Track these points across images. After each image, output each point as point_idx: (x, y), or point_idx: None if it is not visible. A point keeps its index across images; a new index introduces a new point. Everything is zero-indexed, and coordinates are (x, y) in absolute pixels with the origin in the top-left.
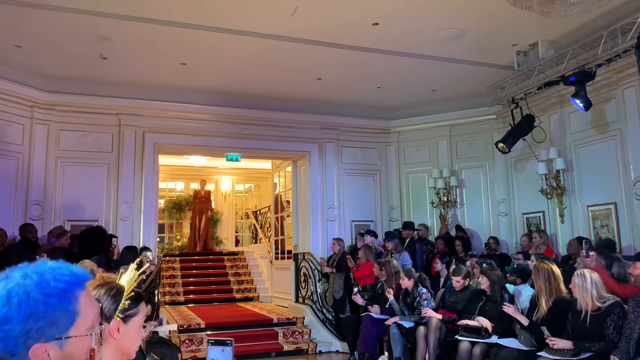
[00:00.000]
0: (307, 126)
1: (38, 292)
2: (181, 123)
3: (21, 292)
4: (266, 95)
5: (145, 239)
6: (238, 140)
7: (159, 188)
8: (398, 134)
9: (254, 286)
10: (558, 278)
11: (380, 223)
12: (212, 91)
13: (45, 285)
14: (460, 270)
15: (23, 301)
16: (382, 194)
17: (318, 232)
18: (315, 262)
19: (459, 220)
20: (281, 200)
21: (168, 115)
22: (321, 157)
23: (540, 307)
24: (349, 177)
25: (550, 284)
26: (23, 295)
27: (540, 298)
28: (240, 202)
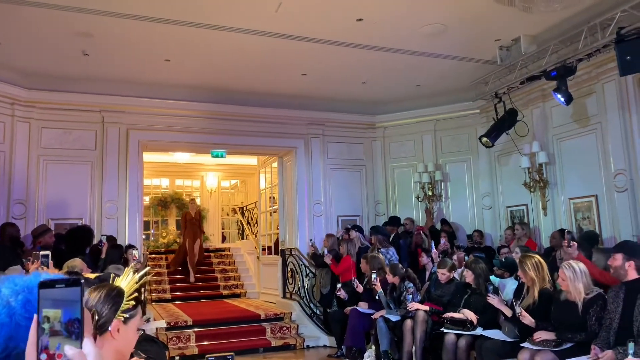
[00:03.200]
0: (293, 122)
1: (21, 314)
2: (166, 119)
3: (4, 314)
4: (251, 91)
5: (131, 236)
6: (223, 136)
7: (144, 185)
8: (383, 129)
9: (241, 282)
10: (545, 268)
11: (367, 218)
12: (196, 87)
13: (30, 307)
14: (445, 263)
15: (4, 324)
16: (369, 189)
17: (305, 227)
18: (302, 258)
19: (444, 214)
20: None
21: (152, 112)
22: (307, 153)
23: (530, 297)
24: (335, 172)
25: (540, 274)
26: (5, 318)
27: (532, 288)
28: (227, 199)
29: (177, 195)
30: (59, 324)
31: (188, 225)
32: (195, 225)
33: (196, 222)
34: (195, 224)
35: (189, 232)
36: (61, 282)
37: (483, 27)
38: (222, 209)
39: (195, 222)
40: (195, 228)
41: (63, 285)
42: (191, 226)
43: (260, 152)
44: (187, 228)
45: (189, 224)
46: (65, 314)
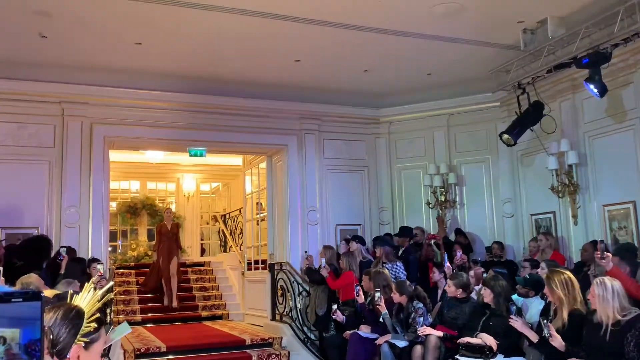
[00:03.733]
0: (284, 115)
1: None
2: (136, 112)
3: None
4: (236, 80)
5: (95, 248)
6: (203, 132)
7: (111, 189)
8: (389, 124)
9: (223, 302)
10: (576, 286)
11: (369, 227)
12: (172, 75)
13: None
14: (458, 276)
15: None
16: (372, 194)
17: (297, 238)
18: (294, 274)
19: (459, 223)
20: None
21: (120, 104)
22: (300, 152)
23: (559, 319)
24: (333, 174)
25: (570, 293)
26: None
27: (561, 309)
28: (206, 204)
29: (149, 201)
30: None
31: (163, 240)
32: (172, 240)
33: (172, 237)
34: (172, 238)
35: (163, 248)
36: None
37: (505, 7)
38: (201, 217)
39: (172, 236)
40: (172, 244)
41: (20, 299)
42: (167, 241)
43: (246, 150)
44: (162, 243)
45: (164, 239)
46: (25, 334)
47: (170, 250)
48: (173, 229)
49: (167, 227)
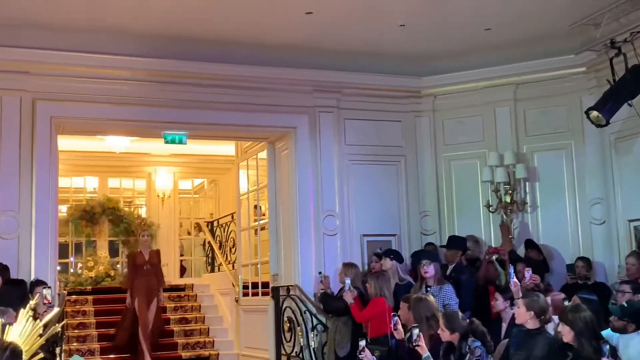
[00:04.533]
0: (292, 88)
1: None
2: (93, 85)
3: None
4: (227, 40)
5: (40, 267)
6: (183, 110)
7: (60, 187)
8: (433, 99)
9: (211, 339)
10: None
11: (407, 238)
12: (141, 35)
13: None
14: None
15: None
16: (410, 193)
17: (310, 253)
18: (306, 301)
19: (530, 232)
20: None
21: (72, 73)
22: (314, 136)
23: None
24: (358, 166)
25: None
26: None
27: None
28: (187, 208)
29: (110, 203)
30: None
31: (139, 274)
32: (150, 274)
33: (151, 270)
34: (150, 272)
35: (139, 286)
36: None
37: None
38: (181, 225)
39: (151, 268)
40: (150, 280)
41: None
42: (144, 277)
43: (240, 135)
44: (138, 279)
45: (140, 274)
46: None
47: (149, 289)
48: (152, 259)
49: (143, 257)
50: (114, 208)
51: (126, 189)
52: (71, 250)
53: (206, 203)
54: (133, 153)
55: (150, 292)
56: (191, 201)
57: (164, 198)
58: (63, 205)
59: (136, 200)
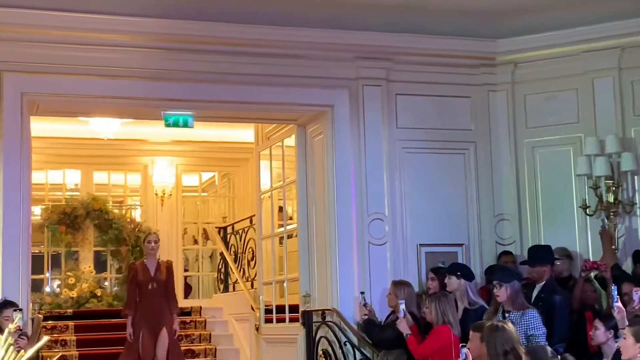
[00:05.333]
0: (328, 54)
1: None
2: (75, 53)
3: None
4: None
5: (8, 285)
6: (188, 84)
7: (34, 184)
8: (513, 68)
9: None
10: None
11: (478, 248)
12: None
13: None
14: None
15: None
16: (482, 191)
17: (352, 268)
18: (347, 328)
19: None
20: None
21: (48, 38)
22: (356, 117)
23: None
24: (414, 156)
25: None
26: None
27: None
28: (193, 210)
29: (96, 204)
30: None
31: (143, 296)
32: (159, 295)
33: (161, 290)
34: (159, 292)
35: (144, 310)
36: None
37: None
38: (185, 231)
39: (160, 288)
40: (159, 302)
41: None
42: (149, 299)
43: (262, 116)
44: (142, 302)
45: (146, 295)
46: None
47: (156, 314)
48: (161, 274)
49: (148, 272)
50: (101, 210)
51: (116, 186)
52: (47, 263)
53: (217, 203)
54: (125, 140)
55: (158, 319)
56: (198, 201)
57: (164, 197)
58: (37, 207)
59: (129, 200)
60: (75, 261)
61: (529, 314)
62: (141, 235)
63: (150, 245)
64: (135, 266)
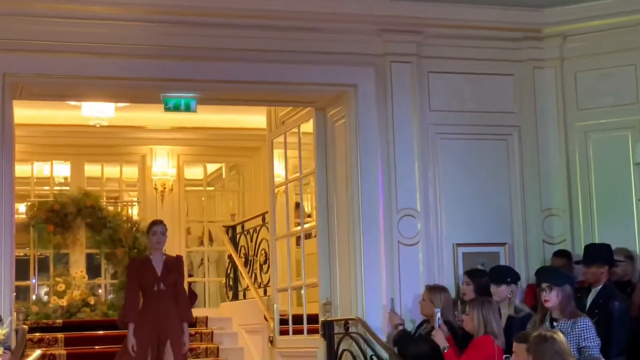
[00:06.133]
0: (350, 27)
1: None
2: (64, 28)
3: None
4: None
5: None
6: (192, 63)
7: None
8: (562, 41)
9: None
10: None
11: (523, 248)
12: None
13: None
14: None
15: None
16: (527, 183)
17: (379, 272)
18: (373, 340)
19: None
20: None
21: (33, 11)
22: (383, 99)
23: None
24: (449, 143)
25: None
26: None
27: None
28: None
29: (88, 200)
30: None
31: (147, 299)
32: (166, 298)
33: (168, 291)
34: (166, 294)
35: (148, 318)
36: None
37: None
38: (189, 231)
39: (166, 289)
40: (166, 307)
41: None
42: (154, 302)
43: (275, 98)
44: (145, 307)
45: (150, 297)
46: None
47: (162, 322)
48: (170, 273)
49: (153, 270)
50: (94, 207)
51: (110, 179)
52: (33, 267)
53: (225, 199)
54: (120, 127)
55: (164, 329)
56: (203, 196)
57: (165, 192)
58: (21, 204)
59: (125, 196)
60: (65, 265)
61: (581, 322)
62: (139, 235)
63: (155, 237)
64: (137, 263)
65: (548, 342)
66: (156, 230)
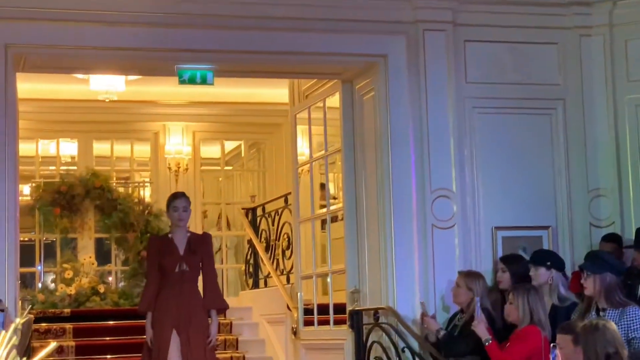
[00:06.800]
0: None
1: None
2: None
3: None
4: None
5: None
6: (207, 32)
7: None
8: (611, 7)
9: None
10: None
11: (568, 232)
12: None
13: None
14: None
15: None
16: (573, 161)
17: (411, 257)
18: (405, 332)
19: None
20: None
21: None
22: (415, 70)
23: None
24: (488, 118)
25: None
26: None
27: None
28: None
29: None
30: None
31: (168, 283)
32: (190, 282)
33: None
34: (191, 277)
35: (169, 305)
36: None
37: None
38: (205, 214)
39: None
40: (190, 292)
41: None
42: (177, 287)
43: (298, 69)
44: (165, 293)
45: (171, 281)
46: None
47: (186, 310)
48: (194, 254)
49: (175, 249)
50: (103, 188)
51: (121, 159)
52: (39, 253)
53: (244, 179)
54: (131, 102)
55: (188, 318)
56: (221, 176)
57: (179, 172)
58: (25, 185)
59: (136, 176)
60: (72, 251)
61: (630, 311)
62: (151, 219)
63: (176, 213)
64: (157, 241)
65: (599, 332)
66: (177, 206)
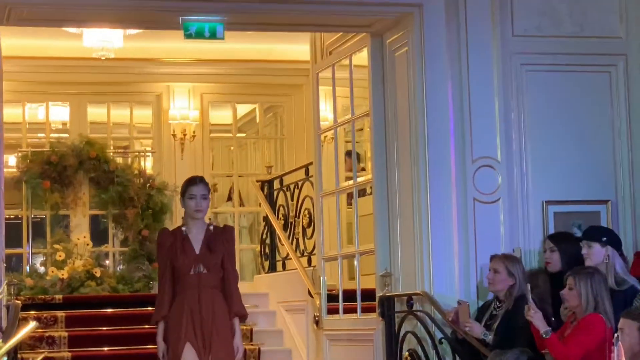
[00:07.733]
0: None
1: None
2: None
3: None
4: None
5: None
6: None
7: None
8: None
9: None
10: None
11: (631, 207)
12: None
13: None
14: None
15: None
16: (636, 125)
17: (450, 235)
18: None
19: None
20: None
21: None
22: (455, 21)
23: None
24: (538, 76)
25: None
26: None
27: None
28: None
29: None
30: None
31: (183, 286)
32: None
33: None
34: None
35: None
36: None
37: None
38: (215, 187)
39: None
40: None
41: None
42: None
43: (320, 21)
44: (180, 297)
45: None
46: None
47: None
48: (213, 253)
49: (190, 248)
50: (99, 158)
51: (119, 125)
52: (27, 232)
53: (260, 148)
54: (130, 59)
55: (208, 328)
56: (233, 145)
57: (185, 140)
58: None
59: (136, 144)
60: (64, 229)
61: None
62: (153, 193)
63: (193, 202)
64: (168, 237)
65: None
66: (194, 194)
